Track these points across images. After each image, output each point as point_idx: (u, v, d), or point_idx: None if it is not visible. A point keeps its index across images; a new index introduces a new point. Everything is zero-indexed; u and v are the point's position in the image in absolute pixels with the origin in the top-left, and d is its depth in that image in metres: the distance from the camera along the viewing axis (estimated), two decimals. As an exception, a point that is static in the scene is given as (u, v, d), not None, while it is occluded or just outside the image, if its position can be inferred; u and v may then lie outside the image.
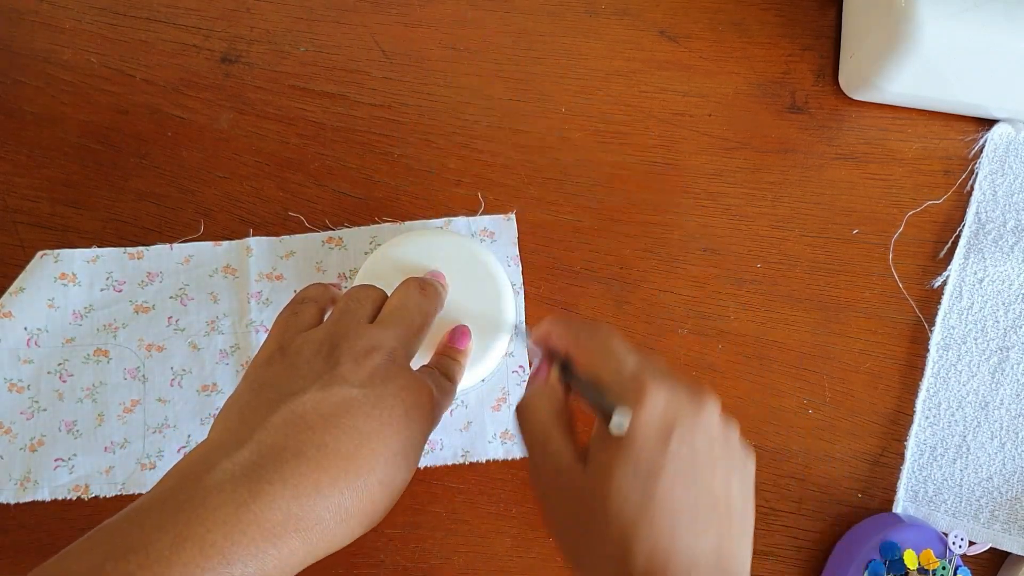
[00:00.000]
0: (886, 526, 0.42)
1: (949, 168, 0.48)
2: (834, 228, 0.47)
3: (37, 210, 0.45)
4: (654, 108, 0.48)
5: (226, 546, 0.25)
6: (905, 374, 0.46)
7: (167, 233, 0.45)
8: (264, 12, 0.48)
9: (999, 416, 0.45)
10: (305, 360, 0.30)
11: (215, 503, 0.25)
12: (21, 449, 0.42)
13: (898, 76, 0.44)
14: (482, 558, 0.43)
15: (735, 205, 0.47)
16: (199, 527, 0.25)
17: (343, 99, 0.47)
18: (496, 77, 0.48)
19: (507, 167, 0.47)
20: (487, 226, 0.46)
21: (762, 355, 0.45)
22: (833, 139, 0.48)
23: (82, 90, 0.47)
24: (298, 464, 0.27)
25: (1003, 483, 0.45)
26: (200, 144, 0.46)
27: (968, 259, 0.46)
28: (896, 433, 0.45)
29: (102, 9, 0.48)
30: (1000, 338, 0.46)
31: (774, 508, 0.44)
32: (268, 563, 0.26)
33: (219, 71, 0.47)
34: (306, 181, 0.46)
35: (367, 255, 0.45)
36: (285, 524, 0.26)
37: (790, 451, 0.45)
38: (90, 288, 0.44)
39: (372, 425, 0.29)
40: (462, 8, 0.49)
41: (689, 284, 0.46)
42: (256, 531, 0.25)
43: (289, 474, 0.27)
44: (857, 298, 0.46)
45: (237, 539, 0.25)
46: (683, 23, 0.49)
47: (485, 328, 0.40)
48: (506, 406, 0.44)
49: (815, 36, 0.49)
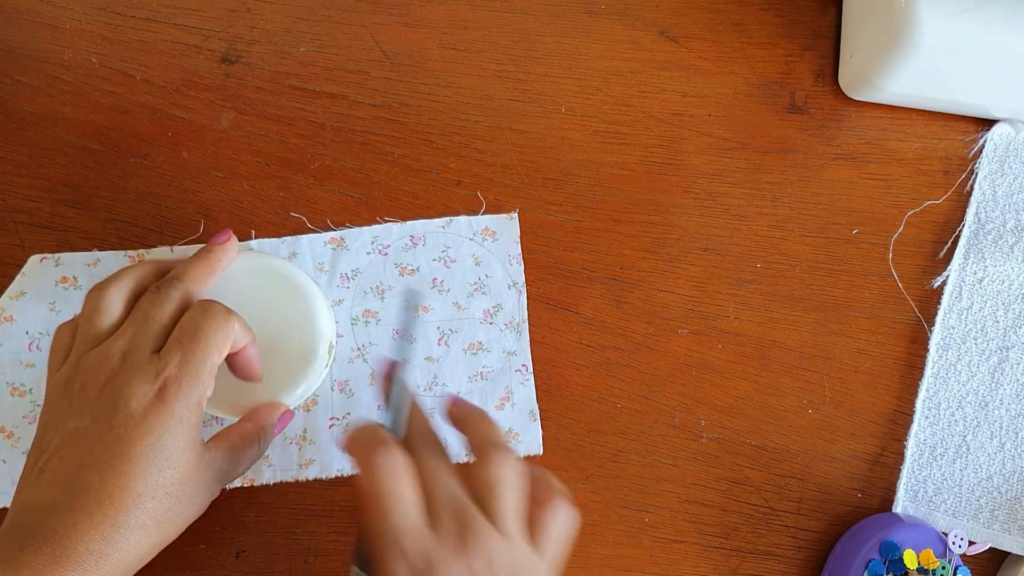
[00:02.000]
0: (886, 526, 0.42)
1: (949, 168, 0.48)
2: (834, 228, 0.47)
3: (37, 210, 0.45)
4: (654, 108, 0.48)
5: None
6: (905, 374, 0.46)
7: (167, 233, 0.45)
8: (264, 12, 0.48)
9: (999, 416, 0.45)
10: (58, 391, 0.34)
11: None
12: (23, 453, 0.42)
13: (898, 76, 0.44)
14: (482, 558, 0.43)
15: (735, 205, 0.47)
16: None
17: (343, 99, 0.47)
18: (496, 77, 0.48)
19: (507, 167, 0.47)
20: (489, 225, 0.46)
21: (762, 355, 0.45)
22: (833, 139, 0.48)
23: (82, 90, 0.47)
24: (54, 517, 0.30)
25: (1003, 483, 0.45)
26: (200, 144, 0.46)
27: (968, 259, 0.46)
28: (896, 433, 0.45)
29: (102, 9, 0.48)
30: (1000, 338, 0.46)
31: (774, 508, 0.45)
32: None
33: (219, 71, 0.47)
34: (306, 181, 0.46)
35: (369, 255, 0.45)
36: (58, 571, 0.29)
37: (790, 451, 0.45)
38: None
39: (109, 450, 0.31)
40: (462, 8, 0.49)
41: (689, 284, 0.46)
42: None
43: (43, 532, 0.30)
44: (857, 298, 0.46)
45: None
46: (683, 23, 0.49)
47: (300, 346, 0.40)
48: (509, 405, 0.44)
49: (815, 36, 0.49)
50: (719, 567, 0.44)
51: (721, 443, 0.45)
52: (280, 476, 0.43)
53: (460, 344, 0.44)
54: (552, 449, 0.44)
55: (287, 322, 0.40)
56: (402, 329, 0.36)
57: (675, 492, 0.44)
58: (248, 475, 0.42)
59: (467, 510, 0.29)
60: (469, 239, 0.46)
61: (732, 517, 0.44)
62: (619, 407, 0.45)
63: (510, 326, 0.45)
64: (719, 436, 0.45)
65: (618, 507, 0.44)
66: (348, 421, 0.43)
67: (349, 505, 0.43)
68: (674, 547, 0.44)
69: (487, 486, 0.30)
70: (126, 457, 0.31)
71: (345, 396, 0.44)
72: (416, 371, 0.44)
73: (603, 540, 0.44)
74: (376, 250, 0.45)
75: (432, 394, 0.44)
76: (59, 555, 0.29)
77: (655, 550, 0.44)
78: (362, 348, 0.44)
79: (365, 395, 0.44)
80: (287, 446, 0.43)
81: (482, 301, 0.45)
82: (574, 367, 0.45)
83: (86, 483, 0.30)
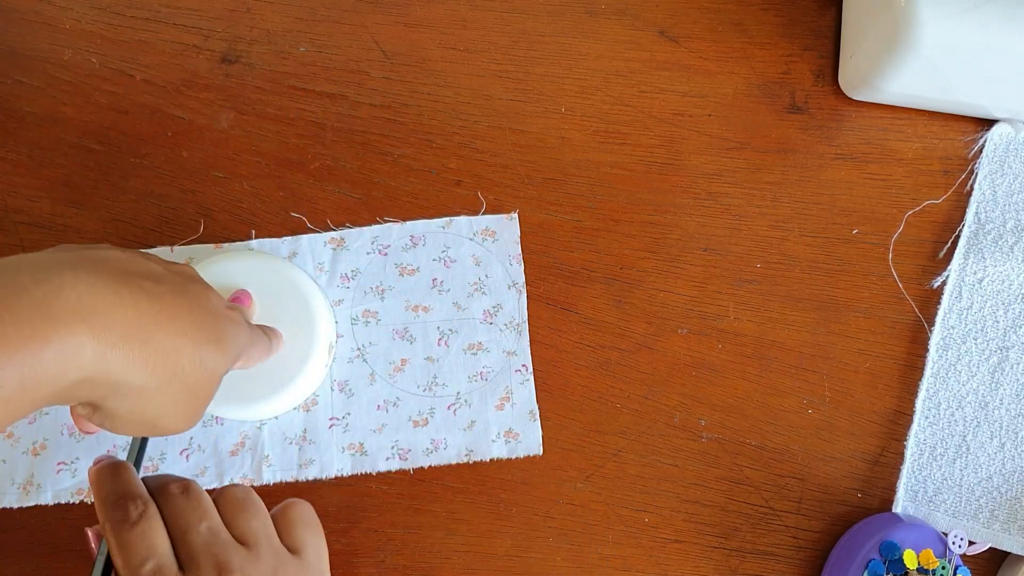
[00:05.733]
0: (886, 526, 0.42)
1: (949, 168, 0.48)
2: (834, 228, 0.47)
3: (37, 210, 0.45)
4: (654, 108, 0.48)
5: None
6: (905, 374, 0.46)
7: (167, 233, 0.45)
8: (264, 12, 0.48)
9: (999, 416, 0.45)
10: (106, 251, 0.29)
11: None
12: (24, 453, 0.42)
13: (898, 76, 0.44)
14: (482, 558, 0.43)
15: (735, 205, 0.47)
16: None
17: (343, 99, 0.47)
18: (496, 77, 0.48)
19: (507, 167, 0.47)
20: (489, 225, 0.46)
21: (762, 355, 0.46)
22: (833, 139, 0.48)
23: (82, 90, 0.47)
24: (99, 265, 0.25)
25: (1003, 483, 0.45)
26: (200, 144, 0.46)
27: (968, 259, 0.46)
28: (896, 433, 0.45)
29: (102, 9, 0.48)
30: (1000, 338, 0.46)
31: (774, 508, 0.45)
32: (46, 355, 0.22)
33: (219, 71, 0.47)
34: (306, 181, 0.46)
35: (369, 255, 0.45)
36: (74, 311, 0.23)
37: (790, 451, 0.45)
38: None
39: (179, 294, 0.28)
40: (462, 8, 0.49)
41: (689, 284, 0.46)
42: (32, 313, 0.22)
43: (85, 271, 0.24)
44: (857, 298, 0.46)
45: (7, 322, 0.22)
46: (683, 23, 0.49)
47: (299, 346, 0.41)
48: (509, 405, 0.44)
49: (815, 36, 0.49)
50: (719, 567, 0.44)
51: (721, 443, 0.45)
52: (280, 476, 0.43)
53: (460, 344, 0.44)
54: (552, 449, 0.44)
55: (287, 322, 0.40)
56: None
57: (675, 492, 0.44)
58: (248, 476, 0.42)
59: (220, 544, 0.29)
60: (469, 239, 0.46)
61: (732, 517, 0.44)
62: (619, 407, 0.45)
63: (510, 326, 0.45)
64: (719, 436, 0.45)
65: (618, 507, 0.44)
66: (348, 422, 0.43)
67: (349, 505, 0.43)
68: (674, 547, 0.44)
69: (231, 518, 0.30)
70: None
71: (345, 396, 0.44)
72: (416, 371, 0.44)
73: (603, 540, 0.44)
74: (376, 250, 0.45)
75: (432, 394, 0.44)
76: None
77: (655, 550, 0.44)
78: (362, 348, 0.44)
79: (365, 395, 0.44)
80: (287, 446, 0.43)
81: (482, 301, 0.45)
82: (574, 367, 0.45)
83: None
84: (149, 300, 0.27)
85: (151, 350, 0.26)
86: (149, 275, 0.28)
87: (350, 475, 0.43)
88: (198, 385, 0.29)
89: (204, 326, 0.29)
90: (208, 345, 0.29)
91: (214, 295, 0.32)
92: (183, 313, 0.28)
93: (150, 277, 0.28)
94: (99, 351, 0.24)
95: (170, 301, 0.28)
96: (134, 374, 0.26)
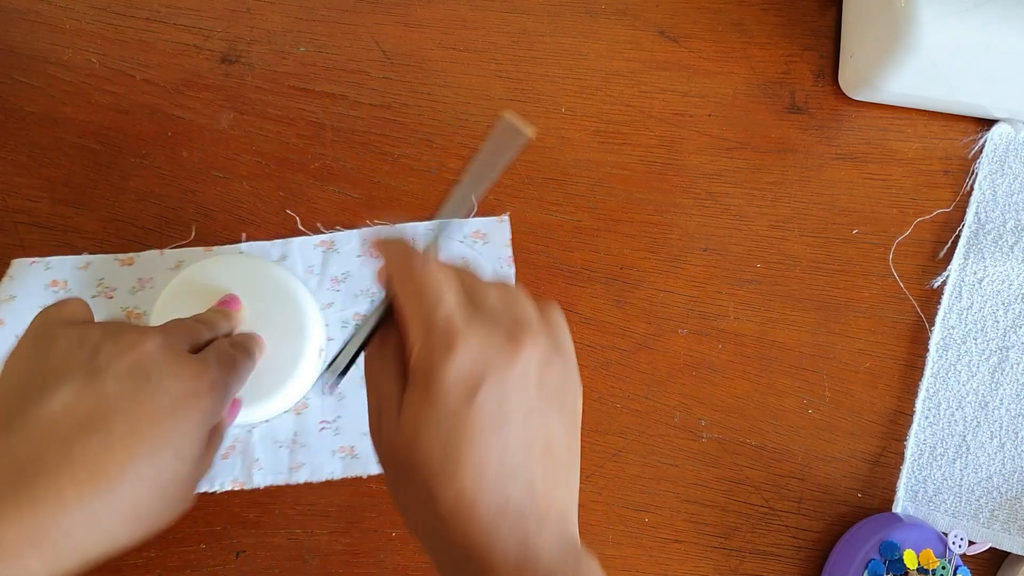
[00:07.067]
0: (886, 526, 0.42)
1: (949, 168, 0.48)
2: (834, 228, 0.47)
3: (37, 210, 0.45)
4: (654, 108, 0.48)
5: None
6: (905, 374, 0.46)
7: (167, 233, 0.45)
8: (264, 12, 0.48)
9: (999, 416, 0.45)
10: (62, 353, 0.28)
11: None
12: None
13: (898, 76, 0.44)
14: (482, 558, 0.43)
15: (735, 205, 0.47)
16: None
17: (343, 99, 0.47)
18: (496, 77, 0.48)
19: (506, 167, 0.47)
20: (479, 228, 0.45)
21: (762, 355, 0.45)
22: (833, 139, 0.48)
23: (82, 90, 0.47)
24: (41, 478, 0.26)
25: (1003, 483, 0.45)
26: (200, 144, 0.46)
27: (968, 259, 0.46)
28: (896, 433, 0.45)
29: (102, 9, 0.48)
30: (1000, 338, 0.46)
31: (774, 508, 0.45)
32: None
33: (219, 71, 0.47)
34: (306, 181, 0.46)
35: (359, 258, 0.45)
36: (18, 542, 0.25)
37: (790, 451, 0.45)
38: (81, 295, 0.43)
39: (127, 424, 0.27)
40: (462, 8, 0.49)
41: (689, 284, 0.46)
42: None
43: (25, 490, 0.25)
44: (857, 298, 0.46)
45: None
46: (683, 23, 0.49)
47: (290, 350, 0.40)
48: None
49: (815, 36, 0.49)
50: (719, 567, 0.44)
51: (721, 443, 0.45)
52: (271, 480, 0.42)
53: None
54: (552, 449, 0.44)
55: (277, 325, 0.40)
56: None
57: (675, 492, 0.44)
58: (238, 479, 0.42)
59: (517, 306, 0.27)
60: (459, 242, 0.45)
61: (732, 517, 0.44)
62: (619, 407, 0.45)
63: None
64: (719, 436, 0.45)
65: (618, 507, 0.44)
66: (338, 425, 0.43)
67: (349, 505, 0.43)
68: (674, 547, 0.44)
69: (504, 299, 0.28)
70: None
71: (335, 399, 0.43)
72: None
73: (603, 540, 0.44)
74: (366, 253, 0.45)
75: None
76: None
77: (655, 550, 0.44)
78: (361, 348, 0.44)
79: (356, 398, 0.43)
80: (277, 449, 0.43)
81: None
82: (574, 367, 0.45)
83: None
84: (95, 485, 0.26)
85: (102, 512, 0.27)
86: (98, 431, 0.27)
87: (340, 478, 0.43)
88: (172, 482, 0.29)
89: (156, 438, 0.28)
90: (166, 451, 0.28)
91: (167, 381, 0.29)
92: (134, 444, 0.27)
93: (97, 432, 0.27)
94: (47, 564, 0.26)
95: (118, 446, 0.27)
96: (112, 536, 0.27)
